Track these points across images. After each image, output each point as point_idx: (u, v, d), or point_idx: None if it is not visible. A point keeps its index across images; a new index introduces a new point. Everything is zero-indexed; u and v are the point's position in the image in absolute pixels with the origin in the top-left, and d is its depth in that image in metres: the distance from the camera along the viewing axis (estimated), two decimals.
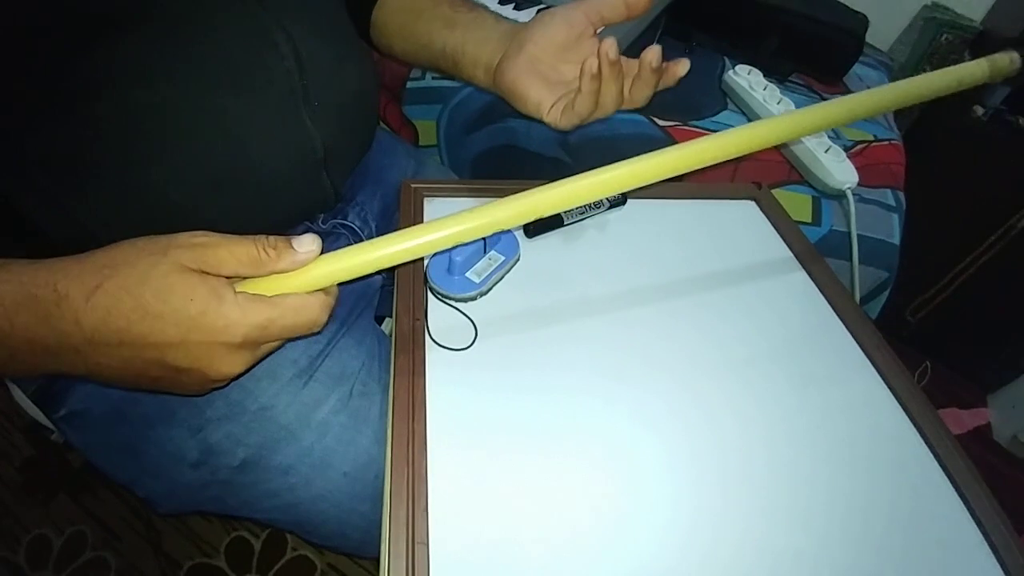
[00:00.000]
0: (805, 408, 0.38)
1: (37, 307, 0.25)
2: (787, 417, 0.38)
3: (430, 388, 0.33)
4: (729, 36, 0.84)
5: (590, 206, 0.47)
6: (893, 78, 0.94)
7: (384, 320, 0.56)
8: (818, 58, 0.81)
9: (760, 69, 0.77)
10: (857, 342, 0.44)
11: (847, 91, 0.82)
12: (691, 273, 0.47)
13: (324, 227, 0.47)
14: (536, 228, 0.45)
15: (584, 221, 0.47)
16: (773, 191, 0.64)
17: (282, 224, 0.42)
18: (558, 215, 0.45)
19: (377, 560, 0.29)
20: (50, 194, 0.32)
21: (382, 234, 0.50)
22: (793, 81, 0.82)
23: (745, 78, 0.73)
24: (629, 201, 0.50)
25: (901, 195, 0.65)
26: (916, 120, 1.03)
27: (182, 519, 0.85)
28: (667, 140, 0.65)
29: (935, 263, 1.06)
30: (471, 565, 0.27)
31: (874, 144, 0.71)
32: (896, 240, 0.62)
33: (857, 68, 0.86)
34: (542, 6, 0.72)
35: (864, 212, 0.62)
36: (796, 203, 0.64)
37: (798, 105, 0.71)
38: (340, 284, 0.30)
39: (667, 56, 0.81)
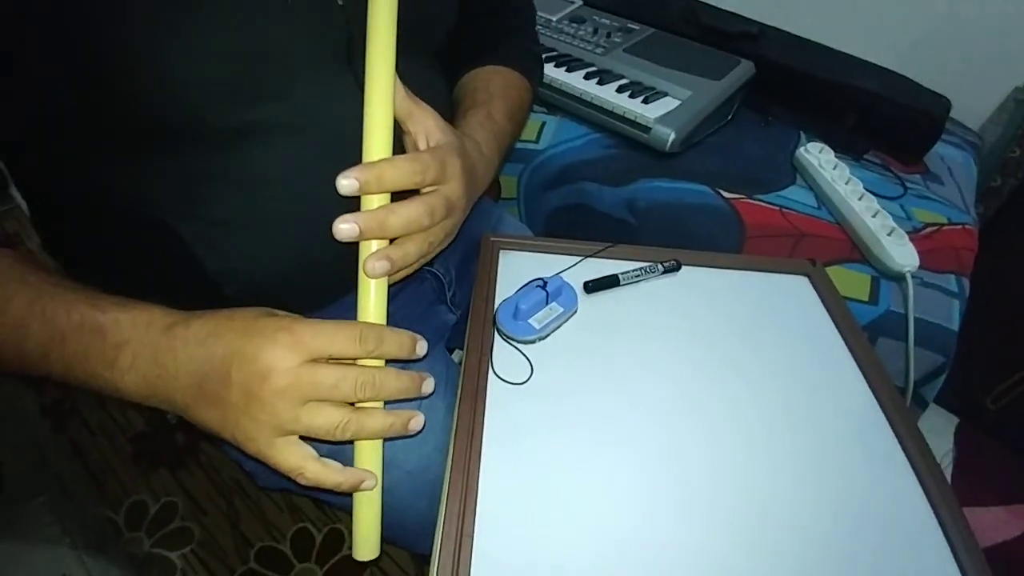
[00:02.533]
0: (825, 489, 0.40)
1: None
2: (813, 496, 0.39)
3: (489, 412, 0.40)
4: (806, 112, 0.88)
5: (644, 270, 0.52)
6: (982, 158, 0.93)
7: (454, 351, 0.63)
8: (895, 138, 0.83)
9: (836, 145, 0.80)
10: (895, 433, 0.44)
11: (927, 171, 0.84)
12: (735, 340, 0.50)
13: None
14: (594, 286, 0.51)
15: (639, 283, 0.53)
16: (833, 268, 0.67)
17: None
18: (615, 275, 0.51)
19: (419, 567, 0.35)
20: (220, 247, 0.42)
21: (461, 280, 0.58)
22: (869, 159, 0.84)
23: (816, 156, 0.76)
24: (684, 268, 0.55)
25: (965, 281, 0.65)
26: (1004, 203, 1.00)
27: (257, 504, 0.95)
28: (730, 211, 0.70)
29: (1018, 349, 1.01)
30: (510, 555, 0.33)
31: (946, 228, 0.72)
32: (955, 326, 0.62)
33: (941, 148, 0.86)
34: (623, 80, 0.79)
35: (924, 295, 0.63)
36: (855, 281, 0.66)
37: (868, 184, 0.73)
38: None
39: (743, 130, 0.85)
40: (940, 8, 0.88)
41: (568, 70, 0.80)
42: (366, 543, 0.39)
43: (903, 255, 0.63)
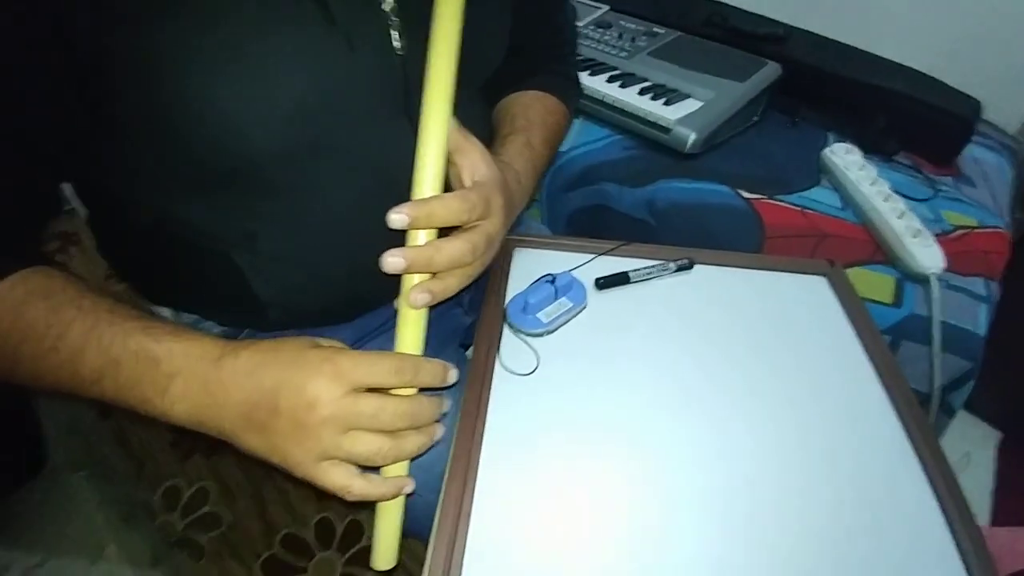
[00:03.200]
0: (838, 496, 0.39)
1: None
2: (823, 501, 0.39)
3: (493, 400, 0.41)
4: (834, 113, 0.87)
5: (656, 267, 0.53)
6: (1018, 162, 0.90)
7: (470, 348, 0.65)
8: (924, 140, 0.81)
9: (866, 146, 0.79)
10: (911, 440, 0.43)
11: (959, 174, 0.81)
12: (747, 339, 0.49)
13: None
14: (605, 283, 0.51)
15: (651, 281, 0.53)
16: (856, 269, 0.66)
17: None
18: (625, 273, 0.52)
19: None
20: (271, 277, 0.45)
21: (477, 284, 0.59)
22: (899, 161, 0.82)
23: (842, 157, 0.75)
24: (698, 267, 0.55)
25: (994, 285, 0.63)
26: None
27: (284, 492, 0.99)
28: (750, 211, 0.69)
29: None
30: (506, 536, 0.35)
31: (976, 231, 0.70)
32: (981, 331, 0.60)
33: (975, 151, 0.84)
34: (646, 83, 0.80)
35: (950, 298, 0.61)
36: (878, 283, 0.65)
37: (896, 185, 0.72)
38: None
39: (769, 131, 0.85)
40: (973, 9, 0.85)
41: (592, 74, 0.81)
42: (386, 553, 0.41)
43: (928, 257, 0.62)
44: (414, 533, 0.54)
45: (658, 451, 0.41)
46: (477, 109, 0.53)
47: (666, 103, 0.75)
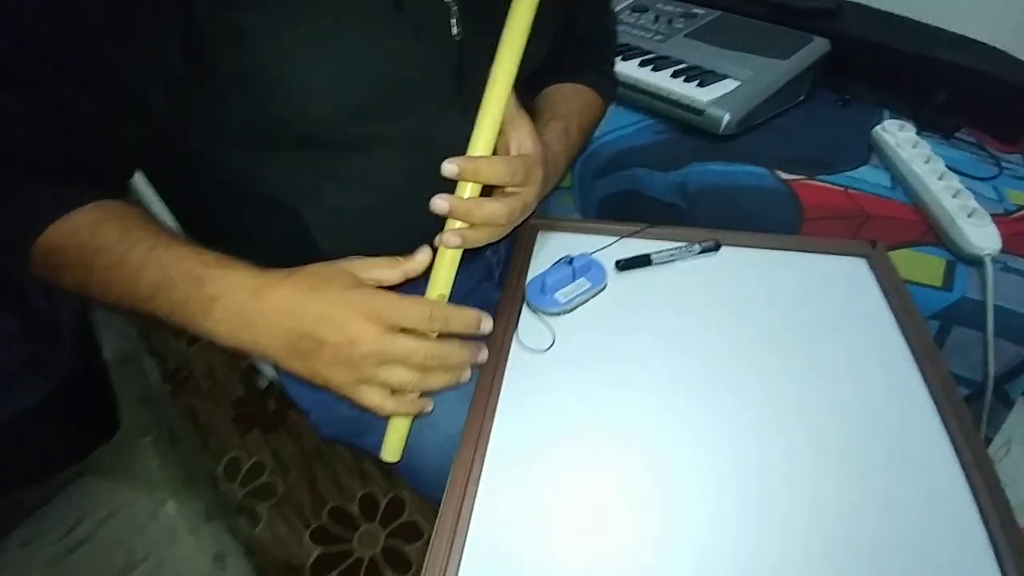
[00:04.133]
0: (871, 489, 0.38)
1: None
2: (851, 490, 0.38)
3: (508, 373, 0.43)
4: (889, 89, 0.82)
5: (679, 249, 0.53)
6: None
7: None
8: (989, 115, 0.75)
9: (924, 123, 0.75)
10: (946, 429, 0.41)
11: None
12: (776, 323, 0.48)
13: None
14: (626, 264, 0.52)
15: (674, 263, 0.53)
16: (902, 251, 0.62)
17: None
18: (647, 255, 0.52)
19: None
20: (334, 232, 0.49)
21: (508, 262, 0.61)
22: (961, 138, 0.77)
23: (894, 134, 0.72)
24: (727, 249, 0.55)
25: None
26: None
27: (332, 467, 1.05)
28: (787, 193, 0.67)
29: None
30: (508, 501, 0.36)
31: None
32: None
33: None
34: (681, 65, 0.78)
35: (1006, 281, 0.57)
36: (928, 265, 0.61)
37: (956, 163, 0.68)
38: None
39: (817, 110, 0.81)
40: None
41: (623, 59, 0.80)
42: (394, 447, 0.44)
43: (983, 237, 0.58)
44: (429, 497, 0.56)
45: (666, 432, 0.41)
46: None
47: (699, 85, 0.74)
